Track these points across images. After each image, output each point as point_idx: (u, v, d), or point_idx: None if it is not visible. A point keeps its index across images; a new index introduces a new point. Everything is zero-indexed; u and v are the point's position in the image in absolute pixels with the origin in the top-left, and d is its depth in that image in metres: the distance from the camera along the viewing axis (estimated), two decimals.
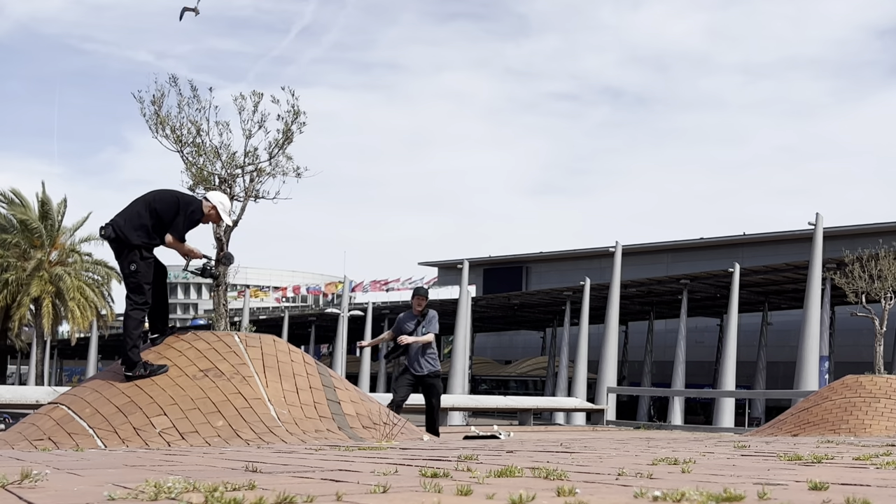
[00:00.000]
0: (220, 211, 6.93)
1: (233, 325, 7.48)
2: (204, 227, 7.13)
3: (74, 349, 60.06)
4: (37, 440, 6.21)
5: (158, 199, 6.84)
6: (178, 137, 7.31)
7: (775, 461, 3.24)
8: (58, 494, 2.03)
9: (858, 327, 33.78)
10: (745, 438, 8.05)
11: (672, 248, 51.99)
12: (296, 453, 3.65)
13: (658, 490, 1.95)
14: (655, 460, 3.15)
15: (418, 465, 2.85)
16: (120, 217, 6.78)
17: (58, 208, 47.36)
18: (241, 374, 6.60)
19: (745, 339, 37.51)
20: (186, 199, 6.95)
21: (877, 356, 14.10)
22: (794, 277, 33.59)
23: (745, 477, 2.50)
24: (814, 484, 2.17)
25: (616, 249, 35.05)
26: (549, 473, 2.44)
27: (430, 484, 2.14)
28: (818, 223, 28.79)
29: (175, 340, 6.92)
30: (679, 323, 37.57)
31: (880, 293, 14.90)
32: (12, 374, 65.20)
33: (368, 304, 45.30)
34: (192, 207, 6.92)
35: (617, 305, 34.20)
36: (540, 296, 43.81)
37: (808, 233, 30.25)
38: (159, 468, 2.78)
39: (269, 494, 1.91)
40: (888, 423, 12.11)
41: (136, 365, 6.56)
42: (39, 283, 45.54)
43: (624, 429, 20.79)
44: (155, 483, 2.03)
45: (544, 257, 57.10)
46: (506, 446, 4.42)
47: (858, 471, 2.79)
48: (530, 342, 57.16)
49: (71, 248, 47.93)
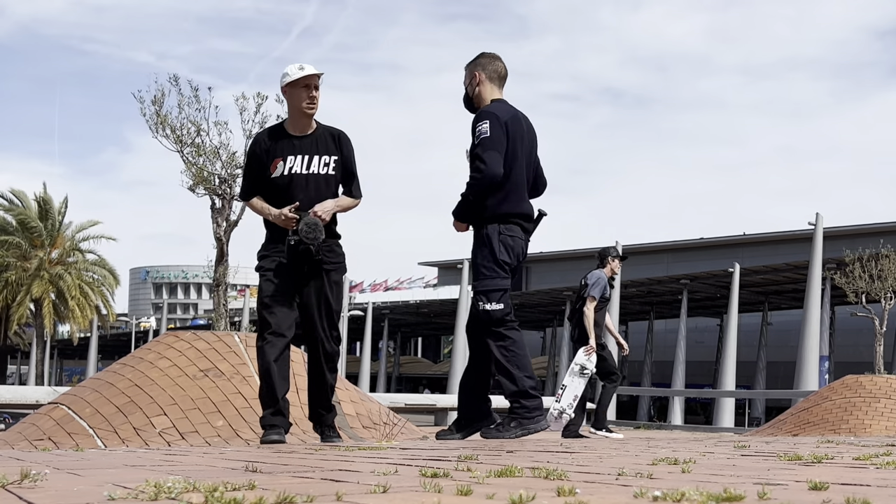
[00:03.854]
0: (288, 80, 5.21)
1: (233, 325, 7.48)
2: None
3: (74, 349, 60.09)
4: (37, 440, 6.21)
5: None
6: (178, 137, 7.31)
7: (775, 461, 3.24)
8: (58, 494, 2.03)
9: (858, 327, 33.78)
10: (745, 438, 8.05)
11: (672, 248, 51.99)
12: (296, 453, 3.65)
13: (658, 490, 1.95)
14: (655, 460, 3.15)
15: (418, 465, 2.85)
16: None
17: (59, 208, 47.40)
18: (242, 374, 6.60)
19: (745, 339, 37.49)
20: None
21: (877, 356, 14.11)
22: (794, 277, 33.59)
23: (745, 477, 2.50)
24: (814, 484, 2.17)
25: None
26: (550, 473, 2.44)
27: (430, 484, 2.14)
28: (818, 223, 28.77)
29: (175, 340, 6.92)
30: (679, 323, 37.56)
31: (880, 293, 14.90)
32: (12, 374, 65.21)
33: (368, 305, 45.29)
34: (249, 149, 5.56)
35: (617, 305, 34.19)
36: (540, 296, 43.80)
37: (808, 233, 30.24)
38: (159, 468, 2.78)
39: (269, 494, 1.91)
40: (888, 423, 12.11)
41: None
42: (40, 282, 45.55)
43: (624, 429, 20.80)
44: (155, 483, 2.03)
45: (544, 257, 57.10)
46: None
47: (858, 471, 2.79)
48: (530, 342, 57.15)
49: (72, 247, 47.94)
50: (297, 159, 5.22)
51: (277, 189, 5.22)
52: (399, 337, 60.40)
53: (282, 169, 5.21)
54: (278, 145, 5.25)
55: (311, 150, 5.24)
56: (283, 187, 5.20)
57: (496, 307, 5.36)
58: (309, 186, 5.20)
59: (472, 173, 5.33)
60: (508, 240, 5.40)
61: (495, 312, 5.36)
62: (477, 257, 5.44)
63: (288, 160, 5.21)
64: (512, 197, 5.42)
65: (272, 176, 5.22)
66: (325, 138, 5.30)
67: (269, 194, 5.26)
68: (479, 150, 5.30)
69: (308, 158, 5.23)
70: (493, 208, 5.39)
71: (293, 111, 5.28)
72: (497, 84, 5.58)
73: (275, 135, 5.33)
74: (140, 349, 7.17)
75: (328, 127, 5.40)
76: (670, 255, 51.65)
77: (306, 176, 5.21)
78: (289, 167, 5.21)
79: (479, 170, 5.29)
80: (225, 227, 7.25)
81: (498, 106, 5.46)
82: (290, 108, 5.30)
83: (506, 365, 5.41)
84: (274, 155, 5.22)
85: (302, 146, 5.25)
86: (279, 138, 5.29)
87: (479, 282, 5.41)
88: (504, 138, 5.36)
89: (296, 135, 5.29)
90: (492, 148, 5.29)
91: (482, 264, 5.38)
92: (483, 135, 5.32)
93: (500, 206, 5.39)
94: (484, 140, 5.31)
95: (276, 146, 5.24)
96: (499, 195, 5.39)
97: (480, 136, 5.32)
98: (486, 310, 5.35)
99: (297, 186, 5.19)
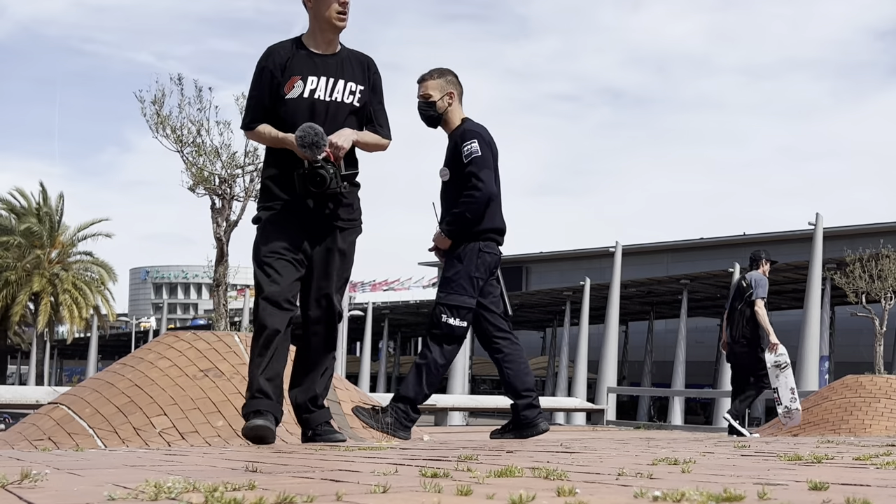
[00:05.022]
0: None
1: (233, 325, 7.48)
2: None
3: (74, 349, 60.10)
4: (37, 440, 6.21)
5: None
6: (178, 137, 7.31)
7: (775, 461, 3.24)
8: (58, 494, 2.03)
9: (858, 327, 33.74)
10: (745, 438, 8.04)
11: (672, 248, 51.97)
12: (296, 453, 3.65)
13: (658, 490, 1.95)
14: (655, 460, 3.15)
15: (418, 465, 2.85)
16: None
17: (56, 207, 47.38)
18: (242, 374, 6.60)
19: None
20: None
21: (877, 356, 14.10)
22: (794, 277, 33.57)
23: (745, 477, 2.50)
24: (814, 484, 2.17)
25: (616, 249, 35.04)
26: (550, 473, 2.44)
27: (430, 484, 2.14)
28: (818, 223, 28.78)
29: (175, 340, 6.92)
30: (679, 323, 37.55)
31: (880, 293, 14.90)
32: (12, 374, 65.20)
33: (368, 304, 45.30)
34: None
35: (617, 305, 34.18)
36: (540, 296, 43.81)
37: (808, 233, 30.24)
38: (159, 468, 2.78)
39: (269, 494, 1.91)
40: (888, 423, 12.11)
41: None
42: (40, 282, 45.55)
43: (624, 429, 20.79)
44: (155, 483, 2.03)
45: (544, 257, 57.08)
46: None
47: (858, 471, 2.79)
48: (530, 342, 57.14)
49: (70, 246, 47.94)
50: (319, 81, 4.37)
51: (289, 114, 4.35)
52: (399, 337, 60.40)
53: (300, 90, 4.36)
54: (297, 61, 4.38)
55: (335, 72, 4.40)
56: (298, 113, 4.33)
57: (460, 324, 5.35)
58: (329, 116, 4.36)
59: (472, 192, 5.33)
60: (486, 256, 5.43)
61: (457, 329, 5.35)
62: (450, 270, 5.42)
63: (309, 81, 4.37)
64: (492, 214, 5.47)
65: (286, 96, 4.36)
66: (351, 63, 4.48)
67: (276, 123, 4.40)
68: (474, 168, 5.33)
69: (333, 82, 4.39)
70: (475, 225, 5.43)
71: (318, 23, 4.43)
72: (461, 102, 5.61)
73: (293, 49, 4.43)
74: (140, 349, 7.17)
75: (355, 51, 4.57)
76: (670, 255, 51.64)
77: (327, 104, 4.38)
78: (309, 88, 4.37)
79: (479, 188, 5.32)
80: (225, 227, 7.25)
81: (477, 125, 5.53)
82: (315, 19, 4.44)
83: (423, 378, 5.36)
84: (291, 72, 4.37)
85: (326, 66, 4.40)
86: (298, 53, 4.41)
87: (448, 295, 5.37)
88: (490, 157, 5.43)
89: (318, 52, 4.43)
90: (486, 167, 5.35)
91: (455, 279, 5.37)
92: (475, 154, 5.34)
93: (482, 223, 5.42)
94: (476, 160, 5.33)
95: (294, 62, 4.38)
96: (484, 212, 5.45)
97: (472, 156, 5.34)
98: (450, 325, 5.32)
99: (315, 113, 4.34)
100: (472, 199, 5.33)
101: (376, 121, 4.56)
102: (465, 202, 5.35)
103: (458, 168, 5.39)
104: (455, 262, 5.41)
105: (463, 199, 5.35)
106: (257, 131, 4.45)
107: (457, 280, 5.37)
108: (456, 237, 5.41)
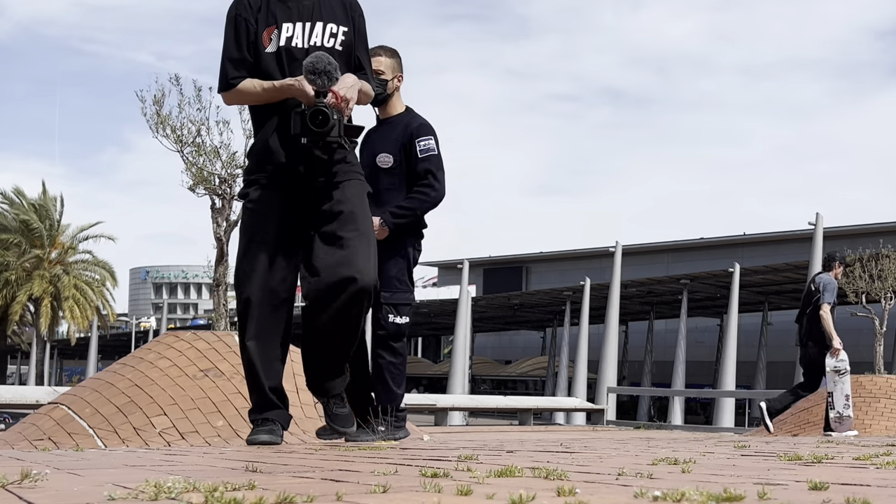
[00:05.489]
0: None
1: (233, 325, 7.48)
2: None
3: (74, 349, 60.08)
4: (37, 440, 6.21)
5: None
6: (178, 137, 7.31)
7: (775, 461, 3.24)
8: (58, 494, 2.03)
9: (858, 327, 33.73)
10: (745, 438, 8.05)
11: (672, 248, 51.98)
12: (296, 453, 3.65)
13: (658, 490, 1.95)
14: (655, 460, 3.15)
15: (418, 465, 2.85)
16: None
17: (56, 207, 47.38)
18: (242, 374, 6.60)
19: (745, 339, 37.49)
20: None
21: (877, 356, 14.11)
22: (794, 277, 33.60)
23: (745, 477, 2.50)
24: (814, 484, 2.17)
25: (616, 249, 35.05)
26: (550, 473, 2.44)
27: (430, 484, 2.13)
28: (818, 223, 28.80)
29: (175, 340, 6.92)
30: (679, 323, 37.55)
31: (880, 293, 14.91)
32: (12, 374, 65.21)
33: None
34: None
35: (617, 305, 34.19)
36: (540, 296, 43.80)
37: (808, 233, 30.25)
38: (159, 468, 2.78)
39: (269, 494, 1.91)
40: (888, 423, 12.12)
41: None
42: (40, 282, 45.56)
43: (624, 429, 20.80)
44: (155, 483, 2.03)
45: (544, 257, 57.08)
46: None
47: (858, 471, 2.79)
48: (530, 342, 57.15)
49: (71, 246, 47.95)
50: (294, 28, 3.92)
51: (270, 71, 3.89)
52: None
53: (276, 41, 3.92)
54: (270, 8, 3.92)
55: (311, 14, 3.94)
56: (275, 67, 3.89)
57: (404, 321, 5.33)
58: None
59: (428, 191, 5.26)
60: (418, 254, 5.43)
61: (403, 326, 5.33)
62: (392, 269, 5.35)
63: (284, 28, 3.92)
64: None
65: (266, 50, 3.91)
66: (330, 2, 4.01)
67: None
68: (431, 167, 5.26)
69: (310, 27, 3.93)
70: (420, 222, 5.42)
71: None
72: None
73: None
74: (140, 349, 7.18)
75: None
76: (670, 255, 51.64)
77: (306, 50, 3.89)
78: (285, 37, 3.92)
79: (435, 188, 5.26)
80: (225, 227, 7.26)
81: (426, 119, 5.40)
82: None
83: (391, 384, 5.34)
84: (266, 22, 3.92)
85: (300, 9, 3.94)
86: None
87: (394, 294, 5.32)
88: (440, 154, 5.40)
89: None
90: (441, 168, 5.32)
91: (397, 277, 5.32)
92: (432, 152, 5.28)
93: (421, 220, 5.43)
94: (433, 157, 5.28)
95: (266, 9, 3.92)
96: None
97: (429, 153, 5.26)
98: (397, 323, 5.28)
99: (293, 65, 3.87)
100: (428, 197, 5.28)
101: (360, 71, 4.09)
102: (421, 199, 5.28)
103: (405, 159, 5.27)
104: (396, 259, 5.36)
105: (417, 196, 5.27)
106: (241, 88, 3.93)
107: (401, 278, 5.35)
108: (398, 231, 5.33)
